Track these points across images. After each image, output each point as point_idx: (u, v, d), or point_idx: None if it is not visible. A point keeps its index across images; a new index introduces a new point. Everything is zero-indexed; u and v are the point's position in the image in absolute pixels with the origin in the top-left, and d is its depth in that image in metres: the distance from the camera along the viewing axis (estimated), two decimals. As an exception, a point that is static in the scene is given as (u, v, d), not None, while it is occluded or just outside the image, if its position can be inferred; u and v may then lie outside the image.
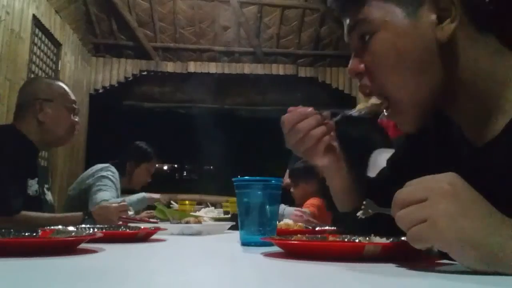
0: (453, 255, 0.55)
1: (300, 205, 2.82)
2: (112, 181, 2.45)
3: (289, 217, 2.10)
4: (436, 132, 0.84)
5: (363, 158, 1.44)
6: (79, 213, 1.73)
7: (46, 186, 1.85)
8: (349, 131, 1.69)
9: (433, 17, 0.68)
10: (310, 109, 0.88)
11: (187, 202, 2.41)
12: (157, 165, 3.02)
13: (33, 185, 1.68)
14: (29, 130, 1.74)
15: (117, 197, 2.46)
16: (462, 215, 0.54)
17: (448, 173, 0.58)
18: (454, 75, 0.70)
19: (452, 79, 0.71)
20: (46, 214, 1.68)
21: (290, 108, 0.91)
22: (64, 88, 1.88)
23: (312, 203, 2.79)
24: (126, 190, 2.77)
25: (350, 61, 0.76)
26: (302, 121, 0.87)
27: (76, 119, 1.88)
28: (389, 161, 1.01)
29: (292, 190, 2.96)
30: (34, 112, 1.75)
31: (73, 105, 1.86)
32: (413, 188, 0.59)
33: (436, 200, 0.55)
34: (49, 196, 1.89)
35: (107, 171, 2.45)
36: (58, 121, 1.78)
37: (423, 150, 0.87)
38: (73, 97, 1.90)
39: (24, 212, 1.56)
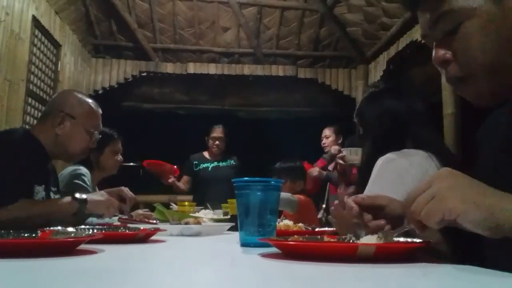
0: (460, 219, 0.61)
1: None
2: (85, 188, 2.36)
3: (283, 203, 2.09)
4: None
5: None
6: (68, 199, 1.66)
7: (53, 189, 1.84)
8: None
9: None
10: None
11: (186, 203, 2.41)
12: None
13: (39, 192, 1.68)
14: (45, 138, 1.73)
15: None
16: (464, 186, 0.63)
17: (443, 168, 0.67)
18: None
19: None
20: (39, 201, 1.65)
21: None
22: (92, 110, 1.84)
23: (299, 197, 2.83)
24: (105, 182, 2.67)
25: (434, 51, 0.78)
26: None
27: (92, 144, 1.85)
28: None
29: None
30: (54, 123, 1.75)
31: (93, 130, 1.83)
32: (417, 186, 0.67)
33: (439, 181, 0.64)
34: None
35: (78, 179, 2.35)
36: (73, 139, 1.76)
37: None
38: (98, 122, 1.86)
39: (23, 200, 1.54)
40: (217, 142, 4.14)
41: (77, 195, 1.67)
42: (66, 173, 2.38)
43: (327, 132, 4.38)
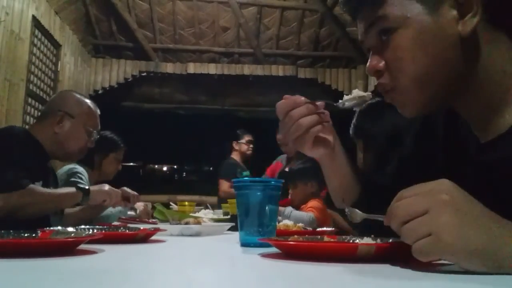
0: (462, 265, 0.56)
1: (298, 206, 2.79)
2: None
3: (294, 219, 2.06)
4: (445, 129, 0.85)
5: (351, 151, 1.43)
6: (73, 189, 1.70)
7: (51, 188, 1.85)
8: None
9: (454, 12, 0.70)
10: (303, 98, 0.87)
11: (186, 203, 2.41)
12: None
13: None
14: (44, 138, 1.75)
15: None
16: (466, 225, 0.55)
17: (442, 181, 0.59)
18: (470, 70, 0.72)
19: (468, 74, 0.72)
20: (45, 189, 1.66)
21: (285, 96, 0.90)
22: (91, 110, 1.86)
23: (314, 206, 2.74)
24: (104, 182, 2.69)
25: (369, 59, 0.77)
26: (293, 109, 0.86)
27: (90, 144, 1.87)
28: (397, 159, 1.00)
29: (290, 191, 2.92)
30: (53, 122, 1.76)
31: (92, 129, 1.84)
32: (412, 200, 0.59)
33: (437, 212, 0.55)
34: None
35: (75, 177, 2.36)
36: (72, 138, 1.77)
37: (431, 148, 0.88)
38: (96, 121, 1.88)
39: (29, 187, 1.55)
40: (251, 146, 4.30)
41: (80, 185, 1.72)
42: (62, 172, 2.39)
43: None
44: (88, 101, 1.89)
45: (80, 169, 2.40)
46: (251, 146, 4.34)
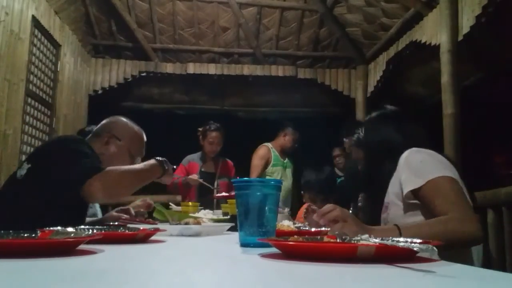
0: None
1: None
2: None
3: None
4: None
5: None
6: (152, 161, 1.74)
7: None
8: None
9: None
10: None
11: (190, 203, 2.41)
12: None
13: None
14: None
15: None
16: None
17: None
18: None
19: None
20: (125, 167, 1.69)
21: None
22: (137, 135, 1.91)
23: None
24: None
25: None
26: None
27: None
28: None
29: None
30: (101, 142, 1.82)
31: (135, 155, 1.87)
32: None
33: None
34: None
35: None
36: (115, 160, 1.78)
37: None
38: (141, 147, 1.91)
39: (110, 167, 1.59)
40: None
41: (158, 158, 1.75)
42: None
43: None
44: (136, 127, 1.93)
45: None
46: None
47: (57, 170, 1.55)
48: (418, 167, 1.35)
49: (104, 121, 1.94)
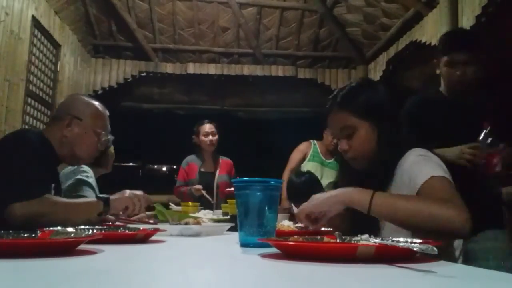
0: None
1: None
2: (89, 183, 2.34)
3: None
4: None
5: None
6: (93, 199, 1.70)
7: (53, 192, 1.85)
8: None
9: None
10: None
11: (190, 203, 2.41)
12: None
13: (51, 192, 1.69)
14: (54, 140, 1.75)
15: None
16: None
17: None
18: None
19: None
20: (66, 199, 1.65)
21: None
22: (99, 112, 1.85)
23: None
24: (105, 181, 2.67)
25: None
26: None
27: (101, 146, 1.85)
28: None
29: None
30: (62, 126, 1.76)
31: (101, 131, 1.83)
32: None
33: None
34: None
35: (82, 175, 2.33)
36: (80, 141, 1.76)
37: None
38: (105, 123, 1.87)
39: (48, 195, 1.54)
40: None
41: (100, 195, 1.69)
42: (68, 171, 2.36)
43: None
44: (96, 103, 1.88)
45: (85, 167, 2.38)
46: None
47: None
48: (410, 170, 1.30)
49: (61, 103, 1.88)
